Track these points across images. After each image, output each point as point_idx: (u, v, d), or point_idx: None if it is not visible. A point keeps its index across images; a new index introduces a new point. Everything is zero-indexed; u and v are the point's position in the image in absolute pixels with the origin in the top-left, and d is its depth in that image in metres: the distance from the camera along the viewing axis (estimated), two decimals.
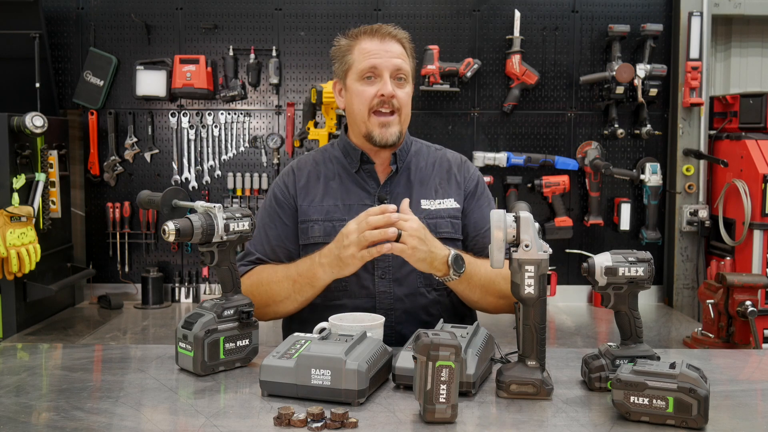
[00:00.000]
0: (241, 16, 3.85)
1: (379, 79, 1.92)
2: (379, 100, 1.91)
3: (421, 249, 1.74)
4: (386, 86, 1.91)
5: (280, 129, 3.89)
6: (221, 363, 1.63)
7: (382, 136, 1.93)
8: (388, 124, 1.93)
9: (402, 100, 1.94)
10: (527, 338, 1.49)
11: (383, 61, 1.91)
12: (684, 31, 3.78)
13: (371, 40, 1.94)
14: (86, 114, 3.83)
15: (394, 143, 1.96)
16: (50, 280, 3.43)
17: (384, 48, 1.93)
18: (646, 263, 1.51)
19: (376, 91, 1.91)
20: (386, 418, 1.37)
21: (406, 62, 1.96)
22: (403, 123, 1.97)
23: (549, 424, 1.36)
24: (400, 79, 1.94)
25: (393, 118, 1.93)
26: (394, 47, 1.94)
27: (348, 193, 1.99)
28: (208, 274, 3.87)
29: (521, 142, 3.91)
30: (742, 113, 3.65)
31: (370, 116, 1.93)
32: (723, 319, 2.92)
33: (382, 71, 1.91)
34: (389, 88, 1.90)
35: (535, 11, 3.87)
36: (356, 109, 1.96)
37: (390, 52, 1.93)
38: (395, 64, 1.92)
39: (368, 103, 1.92)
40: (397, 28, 1.97)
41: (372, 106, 1.92)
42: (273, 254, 2.00)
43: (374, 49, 1.93)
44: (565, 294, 3.92)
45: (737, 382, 1.66)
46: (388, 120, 1.93)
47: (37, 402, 1.46)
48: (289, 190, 2.04)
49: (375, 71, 1.92)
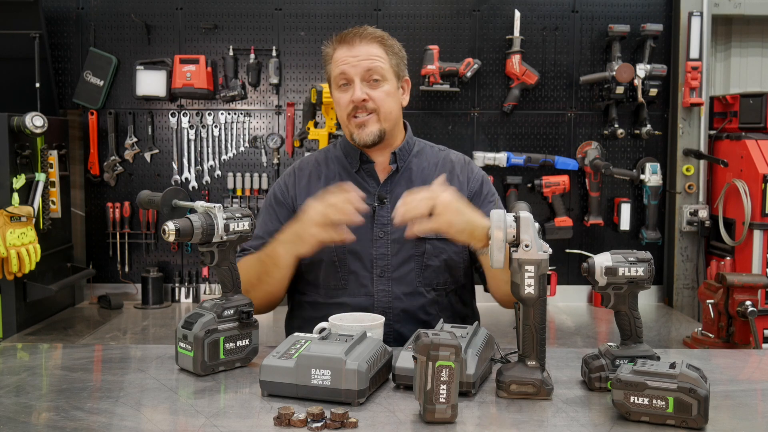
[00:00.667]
0: (241, 16, 3.85)
1: (351, 85, 1.94)
2: (352, 105, 1.94)
3: (458, 221, 1.72)
4: (356, 92, 1.93)
5: (280, 129, 3.89)
6: (221, 363, 1.63)
7: (360, 136, 1.96)
8: (365, 124, 1.95)
9: (378, 100, 1.94)
10: (527, 338, 1.49)
11: (350, 68, 1.93)
12: (684, 31, 3.78)
13: (341, 48, 1.96)
14: (86, 114, 3.83)
15: (374, 142, 1.96)
16: (50, 280, 3.43)
17: (352, 54, 1.94)
18: (646, 263, 1.51)
19: (350, 97, 1.94)
20: (386, 418, 1.37)
21: (381, 61, 1.95)
22: (384, 121, 1.96)
23: (549, 424, 1.36)
24: (375, 80, 1.94)
25: (369, 118, 1.95)
26: (363, 50, 1.94)
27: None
28: (208, 274, 3.87)
29: (521, 142, 3.91)
30: (742, 113, 3.65)
31: (349, 120, 1.96)
32: (723, 319, 2.92)
33: (352, 77, 1.93)
34: (358, 94, 1.92)
35: (535, 11, 3.87)
36: (339, 115, 2.01)
37: (358, 56, 1.93)
38: (364, 67, 1.93)
39: (345, 110, 1.96)
40: (368, 28, 1.98)
41: (349, 112, 1.95)
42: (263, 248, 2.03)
43: (343, 56, 1.95)
44: (565, 294, 3.92)
45: (737, 382, 1.66)
46: (364, 120, 1.95)
47: (37, 402, 1.46)
48: (289, 190, 2.06)
49: (346, 78, 1.94)
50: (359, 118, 1.95)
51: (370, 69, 1.93)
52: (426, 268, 1.96)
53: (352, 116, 1.95)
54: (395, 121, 2.01)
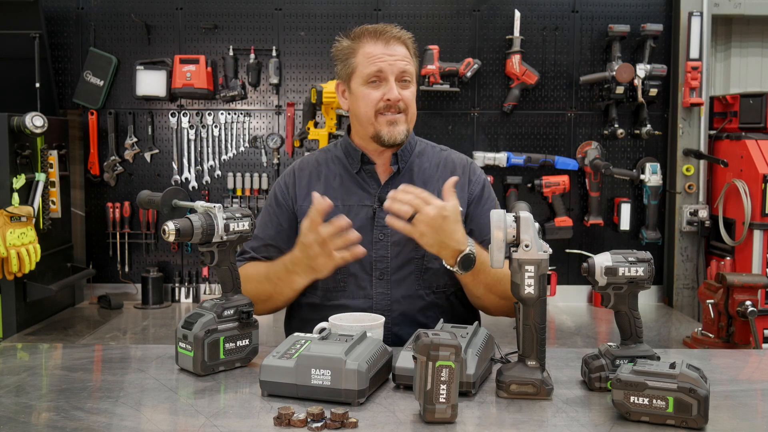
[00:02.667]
0: (241, 16, 3.85)
1: (385, 83, 1.93)
2: (385, 104, 1.93)
3: (431, 236, 1.73)
4: (392, 91, 1.92)
5: (280, 129, 3.89)
6: (221, 363, 1.63)
7: (390, 134, 1.94)
8: (396, 122, 1.94)
9: (408, 101, 1.95)
10: (527, 338, 1.48)
11: (388, 66, 1.92)
12: (684, 31, 3.78)
13: (375, 44, 1.94)
14: (86, 114, 3.83)
15: (402, 141, 1.97)
16: (50, 280, 3.43)
17: (388, 52, 1.93)
18: (646, 263, 1.51)
19: (382, 94, 1.92)
20: (386, 418, 1.37)
21: (411, 64, 1.97)
22: (410, 122, 1.98)
23: (549, 424, 1.36)
24: (405, 81, 1.95)
25: (400, 117, 1.95)
26: (398, 50, 1.94)
27: (348, 194, 2.00)
28: (208, 274, 3.87)
29: (521, 142, 3.91)
30: (742, 113, 3.65)
31: (377, 117, 1.94)
32: (723, 319, 2.92)
33: (388, 75, 1.92)
34: (395, 93, 1.92)
35: (535, 11, 3.87)
36: (362, 112, 1.96)
37: (394, 55, 1.93)
38: (400, 68, 1.93)
39: (374, 106, 1.93)
40: (401, 30, 1.98)
41: (378, 109, 1.94)
42: (265, 251, 2.02)
43: (378, 53, 1.93)
44: (565, 294, 3.92)
45: (737, 382, 1.66)
46: (395, 118, 1.94)
47: (37, 402, 1.46)
48: (289, 191, 2.05)
49: (380, 75, 1.93)
50: (389, 116, 1.93)
51: (404, 71, 1.94)
52: (426, 271, 1.95)
53: (380, 113, 1.94)
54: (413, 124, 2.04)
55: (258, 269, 1.97)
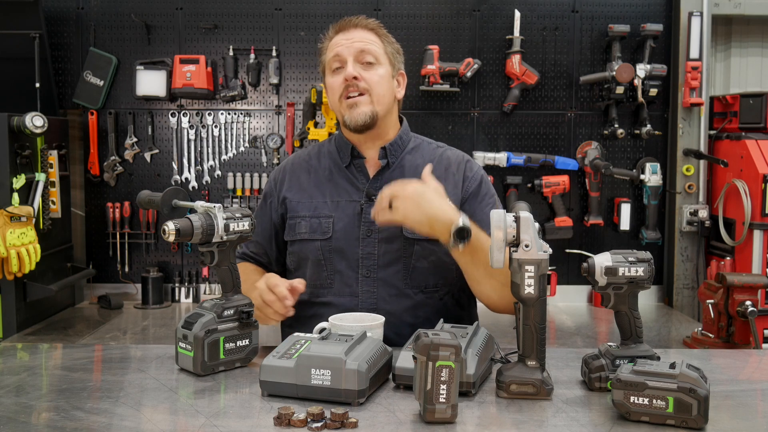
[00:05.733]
0: (241, 16, 3.85)
1: (345, 67, 1.94)
2: (344, 84, 1.93)
3: (415, 213, 1.71)
4: (347, 69, 1.92)
5: (280, 129, 3.89)
6: (221, 363, 1.63)
7: (351, 117, 1.93)
8: (356, 104, 1.93)
9: (371, 81, 1.93)
10: (527, 338, 1.49)
11: (344, 49, 1.94)
12: (684, 31, 3.78)
13: (337, 34, 1.99)
14: (86, 114, 3.83)
15: (365, 123, 1.93)
16: (50, 280, 3.43)
17: (346, 37, 1.96)
18: (646, 263, 1.51)
19: (342, 78, 1.94)
20: (386, 418, 1.37)
21: (375, 45, 1.96)
22: (377, 104, 1.94)
23: (549, 424, 1.36)
24: (369, 62, 1.94)
25: (362, 98, 1.93)
26: (358, 34, 1.96)
27: (337, 188, 1.99)
28: (208, 274, 3.87)
29: (521, 142, 3.91)
30: (742, 113, 3.65)
31: (341, 102, 1.95)
32: (723, 319, 2.92)
33: (345, 57, 1.94)
34: (350, 70, 1.92)
35: (535, 11, 3.87)
36: (331, 101, 1.99)
37: (352, 38, 1.95)
38: (357, 48, 1.94)
39: (338, 91, 1.94)
40: (363, 17, 2.00)
41: (341, 93, 1.94)
42: (254, 247, 2.08)
43: (338, 40, 1.97)
44: (565, 294, 3.92)
45: (737, 382, 1.66)
46: (356, 100, 1.93)
47: (37, 402, 1.46)
48: (277, 187, 2.07)
49: (340, 59, 1.95)
50: (351, 99, 1.93)
51: (363, 50, 1.94)
52: (413, 270, 1.92)
53: (344, 97, 1.94)
54: (388, 109, 1.98)
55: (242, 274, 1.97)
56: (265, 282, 1.78)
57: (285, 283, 1.76)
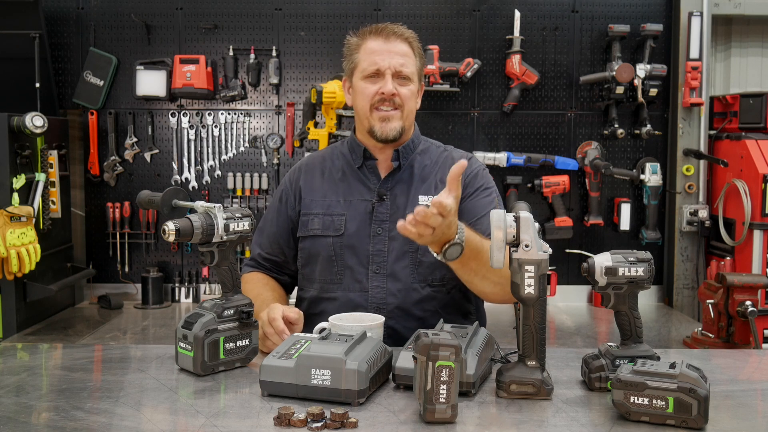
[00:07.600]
0: (241, 16, 3.85)
1: (382, 78, 1.96)
2: (380, 97, 1.95)
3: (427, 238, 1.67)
4: (387, 85, 1.95)
5: (280, 129, 3.89)
6: (221, 363, 1.63)
7: (382, 130, 1.97)
8: (389, 118, 1.97)
9: (404, 97, 1.97)
10: (527, 338, 1.48)
11: (385, 62, 1.95)
12: (684, 31, 3.78)
13: (376, 40, 1.98)
14: (86, 114, 3.83)
15: (395, 138, 1.99)
16: (50, 280, 3.43)
17: (387, 48, 1.96)
18: (646, 263, 1.51)
19: (378, 88, 1.95)
20: (386, 418, 1.37)
21: (411, 61, 1.99)
22: (406, 119, 2.00)
23: (549, 424, 1.36)
24: (404, 78, 1.97)
25: (394, 113, 1.97)
26: (398, 47, 1.97)
27: (350, 188, 2.04)
28: (208, 274, 3.87)
29: (521, 142, 3.91)
30: (742, 113, 3.65)
31: (372, 112, 1.97)
32: (723, 319, 2.92)
33: (384, 71, 1.95)
34: (389, 87, 1.94)
35: (535, 11, 3.87)
36: (360, 106, 2.00)
37: (393, 51, 1.96)
38: (397, 63, 1.95)
39: (370, 100, 1.97)
40: (402, 27, 2.00)
41: (374, 103, 1.97)
42: (269, 248, 2.10)
43: (378, 48, 1.97)
44: (565, 294, 3.92)
45: (737, 382, 1.66)
46: (388, 114, 1.96)
47: (37, 402, 1.46)
48: (293, 186, 2.11)
49: (379, 69, 1.96)
50: (383, 112, 1.96)
51: (402, 68, 1.96)
52: (420, 265, 1.96)
53: (375, 108, 1.97)
54: (412, 121, 2.06)
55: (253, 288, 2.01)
56: (267, 314, 1.80)
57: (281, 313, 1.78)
